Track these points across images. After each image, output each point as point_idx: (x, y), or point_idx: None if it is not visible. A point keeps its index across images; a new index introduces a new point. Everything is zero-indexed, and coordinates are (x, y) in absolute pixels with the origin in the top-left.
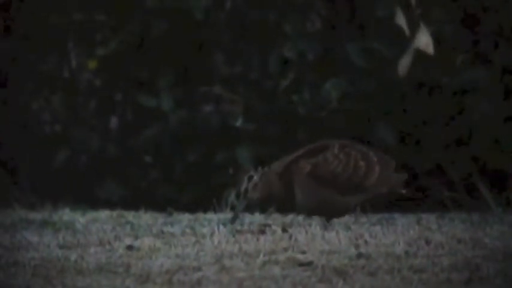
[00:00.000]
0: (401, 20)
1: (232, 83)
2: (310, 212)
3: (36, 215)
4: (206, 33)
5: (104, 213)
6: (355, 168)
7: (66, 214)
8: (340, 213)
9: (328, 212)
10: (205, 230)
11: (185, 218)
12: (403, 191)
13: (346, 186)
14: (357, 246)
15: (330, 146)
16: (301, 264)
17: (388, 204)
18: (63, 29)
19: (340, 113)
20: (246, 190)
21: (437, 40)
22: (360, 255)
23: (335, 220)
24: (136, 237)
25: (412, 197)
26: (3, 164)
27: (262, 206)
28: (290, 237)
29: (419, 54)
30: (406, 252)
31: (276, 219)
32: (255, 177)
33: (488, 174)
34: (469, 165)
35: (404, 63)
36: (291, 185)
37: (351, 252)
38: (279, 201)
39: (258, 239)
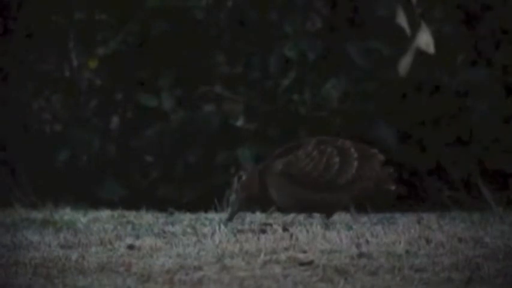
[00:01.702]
0: (402, 19)
1: (233, 83)
2: (288, 211)
3: (37, 215)
4: (206, 33)
5: (105, 213)
6: (327, 165)
7: (67, 214)
8: (321, 211)
9: (304, 210)
10: (206, 230)
11: (186, 217)
12: (392, 187)
13: (317, 183)
14: (358, 246)
15: (305, 144)
16: (302, 264)
17: (380, 201)
18: (63, 28)
19: (340, 113)
20: (237, 191)
21: (437, 40)
22: (361, 255)
23: (336, 219)
24: (137, 237)
25: (402, 193)
26: (4, 163)
27: (248, 206)
28: (291, 236)
29: (420, 54)
30: (407, 252)
31: (276, 219)
32: (243, 177)
33: (488, 173)
34: (470, 164)
35: (404, 63)
36: (266, 184)
37: (352, 252)
38: (258, 200)
39: (258, 238)
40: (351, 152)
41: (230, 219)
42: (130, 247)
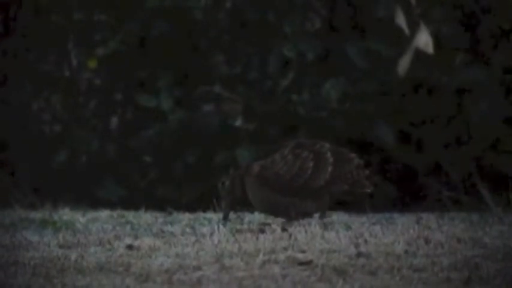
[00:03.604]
0: (401, 20)
1: (232, 83)
2: (263, 213)
3: (36, 215)
4: (205, 34)
5: (104, 213)
6: (300, 169)
7: (66, 214)
8: (291, 215)
9: (276, 214)
10: (205, 230)
11: (185, 217)
12: (368, 190)
13: (289, 187)
14: (356, 246)
15: (282, 147)
16: (301, 264)
17: (356, 202)
18: (63, 28)
19: (340, 113)
20: (223, 196)
21: (436, 40)
22: (359, 255)
23: (334, 220)
24: (136, 237)
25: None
26: (3, 164)
27: (235, 207)
28: (290, 236)
29: (419, 54)
30: (406, 252)
31: (275, 219)
32: (226, 183)
33: (487, 173)
34: (469, 165)
35: (403, 63)
36: (245, 187)
37: (350, 252)
38: (242, 202)
39: (257, 238)
40: (327, 157)
41: (225, 218)
42: (129, 247)
